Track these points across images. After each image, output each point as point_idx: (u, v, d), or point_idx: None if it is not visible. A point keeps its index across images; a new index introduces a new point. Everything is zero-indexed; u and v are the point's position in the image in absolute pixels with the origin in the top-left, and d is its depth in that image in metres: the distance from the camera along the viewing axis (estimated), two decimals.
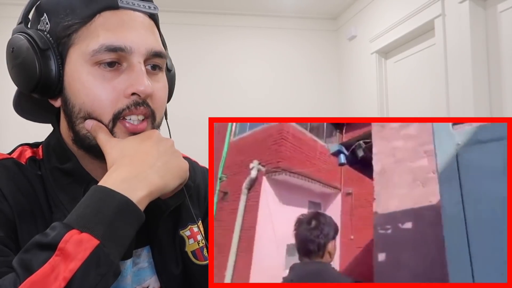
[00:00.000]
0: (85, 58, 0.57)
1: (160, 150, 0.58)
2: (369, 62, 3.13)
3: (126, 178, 0.53)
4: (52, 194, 0.61)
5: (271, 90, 3.57)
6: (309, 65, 3.66)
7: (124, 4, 0.59)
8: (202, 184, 0.80)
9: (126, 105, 0.58)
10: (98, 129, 0.58)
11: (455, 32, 2.15)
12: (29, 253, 0.46)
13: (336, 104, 3.69)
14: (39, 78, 0.58)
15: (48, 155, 0.64)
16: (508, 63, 1.94)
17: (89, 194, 0.51)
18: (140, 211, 0.52)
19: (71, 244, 0.46)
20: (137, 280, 0.66)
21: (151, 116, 0.61)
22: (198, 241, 0.72)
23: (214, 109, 3.44)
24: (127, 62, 0.58)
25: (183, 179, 0.60)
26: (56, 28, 0.59)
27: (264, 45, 3.59)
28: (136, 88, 0.57)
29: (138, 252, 0.66)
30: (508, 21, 1.93)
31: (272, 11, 3.51)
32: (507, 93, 1.95)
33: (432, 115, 2.47)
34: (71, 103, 0.59)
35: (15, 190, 0.57)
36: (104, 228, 0.48)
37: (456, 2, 2.12)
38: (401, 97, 2.86)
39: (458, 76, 2.13)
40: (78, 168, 0.63)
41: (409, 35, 2.63)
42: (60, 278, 0.44)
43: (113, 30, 0.57)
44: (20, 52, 0.59)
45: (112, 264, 0.48)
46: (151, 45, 0.60)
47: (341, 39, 3.65)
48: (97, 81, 0.57)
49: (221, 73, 3.50)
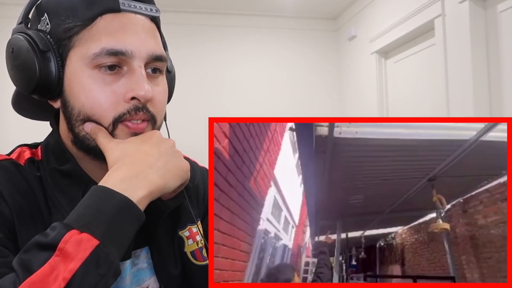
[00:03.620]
0: (85, 61, 0.57)
1: (161, 150, 0.58)
2: (369, 62, 3.13)
3: (126, 178, 0.53)
4: (51, 195, 0.60)
5: (271, 90, 3.57)
6: (309, 65, 3.66)
7: (126, 7, 0.59)
8: (201, 184, 0.80)
9: (126, 110, 0.58)
10: (98, 131, 0.58)
11: (455, 32, 2.15)
12: (29, 253, 0.46)
13: (336, 104, 3.69)
14: (38, 80, 0.58)
15: (47, 156, 0.64)
16: (508, 63, 1.94)
17: (89, 194, 0.51)
18: (140, 211, 0.52)
19: (71, 244, 0.45)
20: (136, 281, 0.65)
21: (151, 119, 0.61)
22: (197, 242, 0.72)
23: (214, 109, 3.44)
24: (128, 66, 0.58)
25: (183, 179, 0.60)
26: (56, 29, 0.58)
27: (264, 45, 3.59)
28: (136, 92, 0.57)
29: (137, 253, 0.66)
30: (508, 21, 1.93)
31: (272, 11, 3.51)
32: (507, 93, 1.95)
33: (432, 115, 2.47)
34: (71, 106, 0.59)
35: (13, 191, 0.57)
36: (104, 228, 0.48)
37: (456, 2, 2.12)
38: (401, 97, 2.86)
39: (458, 76, 2.13)
40: (77, 169, 0.62)
41: (409, 35, 2.63)
42: (60, 278, 0.44)
43: (114, 33, 0.57)
44: (20, 53, 0.59)
45: (112, 264, 0.47)
46: (152, 49, 0.60)
47: (341, 39, 3.65)
48: (97, 85, 0.57)
49: (221, 73, 3.50)
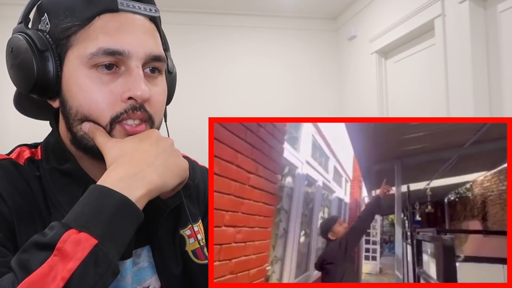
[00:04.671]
0: (82, 60, 0.57)
1: (159, 149, 0.58)
2: (369, 62, 3.13)
3: (124, 177, 0.52)
4: (50, 195, 0.60)
5: (271, 90, 3.57)
6: (309, 65, 3.66)
7: (124, 7, 0.59)
8: (201, 183, 0.80)
9: (123, 109, 0.58)
10: (96, 131, 0.58)
11: (455, 32, 2.15)
12: (27, 253, 0.46)
13: (336, 104, 3.69)
14: (36, 79, 0.58)
15: (46, 155, 0.64)
16: (508, 63, 1.94)
17: (88, 193, 0.51)
18: (139, 210, 0.52)
19: (69, 244, 0.45)
20: (137, 280, 0.66)
21: (149, 120, 0.61)
22: (199, 240, 0.72)
23: (214, 109, 3.44)
24: (125, 66, 0.58)
25: (182, 178, 0.60)
26: (55, 29, 0.58)
27: (264, 45, 3.59)
28: (133, 93, 0.57)
29: (138, 252, 0.66)
30: (508, 21, 1.93)
31: (272, 11, 3.51)
32: (507, 93, 1.95)
33: (432, 115, 2.47)
34: (69, 105, 0.59)
35: (13, 191, 0.57)
36: (102, 227, 0.48)
37: (456, 2, 2.11)
38: (401, 97, 2.86)
39: (458, 76, 2.13)
40: (76, 169, 0.62)
41: (409, 35, 2.62)
42: (58, 278, 0.44)
43: (111, 33, 0.57)
44: (19, 52, 0.59)
45: (110, 263, 0.47)
46: (150, 49, 0.60)
47: (341, 39, 3.65)
48: (94, 84, 0.57)
49: (221, 73, 3.50)
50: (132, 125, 0.59)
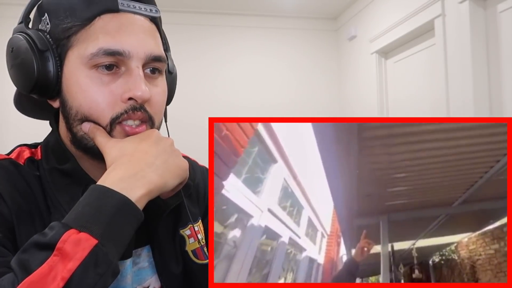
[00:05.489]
0: (83, 61, 0.57)
1: (159, 149, 0.58)
2: (369, 62, 3.13)
3: (124, 177, 0.53)
4: (50, 195, 0.60)
5: (271, 90, 3.57)
6: (309, 65, 3.67)
7: (124, 7, 0.59)
8: (201, 183, 0.80)
9: (124, 110, 0.58)
10: (96, 131, 0.58)
11: (455, 32, 2.15)
12: (27, 253, 0.46)
13: (336, 104, 3.69)
14: (36, 79, 0.58)
15: (46, 155, 0.64)
16: (508, 63, 1.94)
17: (88, 194, 0.51)
18: (139, 210, 0.52)
19: (69, 244, 0.45)
20: (137, 280, 0.66)
21: (149, 120, 0.61)
22: (199, 240, 0.72)
23: (214, 109, 3.44)
24: (125, 66, 0.58)
25: (182, 178, 0.60)
26: (56, 29, 0.58)
27: (264, 45, 3.59)
28: (133, 93, 0.57)
29: (138, 251, 0.66)
30: (508, 21, 1.93)
31: (272, 11, 3.51)
32: (507, 93, 1.95)
33: (432, 115, 2.47)
34: (69, 105, 0.59)
35: (13, 191, 0.57)
36: (102, 227, 0.48)
37: (456, 2, 2.12)
38: (401, 97, 2.86)
39: (458, 76, 2.13)
40: (76, 169, 0.62)
41: (409, 35, 2.62)
42: (58, 278, 0.44)
43: (112, 33, 0.57)
44: (19, 52, 0.59)
45: (110, 263, 0.47)
46: (150, 49, 0.60)
47: (341, 39, 3.65)
48: (95, 85, 0.57)
49: (221, 73, 3.51)
50: (132, 126, 0.59)
